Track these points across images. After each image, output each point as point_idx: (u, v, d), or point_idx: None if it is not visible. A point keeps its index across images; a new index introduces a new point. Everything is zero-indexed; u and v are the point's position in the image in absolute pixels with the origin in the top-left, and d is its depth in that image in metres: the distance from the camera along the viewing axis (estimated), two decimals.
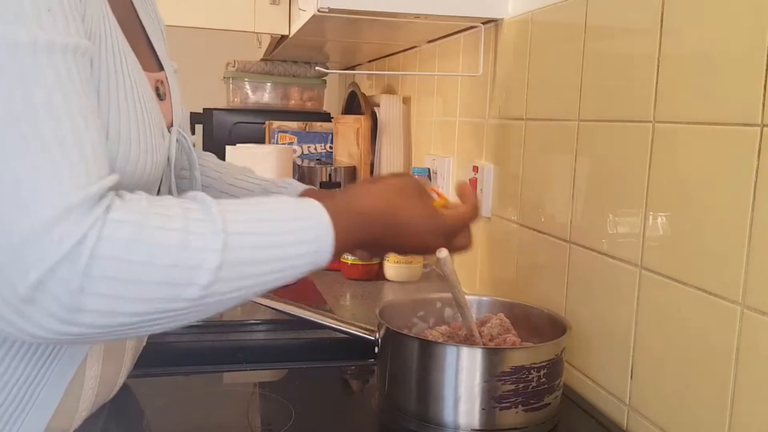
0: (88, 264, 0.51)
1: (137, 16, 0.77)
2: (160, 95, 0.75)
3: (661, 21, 0.80)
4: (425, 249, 0.78)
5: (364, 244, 0.72)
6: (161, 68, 0.79)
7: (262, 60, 2.37)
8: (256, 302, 0.98)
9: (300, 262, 0.63)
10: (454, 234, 0.78)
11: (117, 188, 0.58)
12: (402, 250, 0.78)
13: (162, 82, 0.77)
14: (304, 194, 0.95)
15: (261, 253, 0.60)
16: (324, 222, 0.64)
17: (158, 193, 0.76)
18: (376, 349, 0.87)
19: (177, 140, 0.77)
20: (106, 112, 0.62)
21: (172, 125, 0.77)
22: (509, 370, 0.77)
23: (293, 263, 0.63)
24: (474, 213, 0.80)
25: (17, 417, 0.66)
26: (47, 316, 0.51)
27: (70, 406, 0.71)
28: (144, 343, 0.86)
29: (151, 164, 0.68)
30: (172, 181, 0.77)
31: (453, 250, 0.80)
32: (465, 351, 0.79)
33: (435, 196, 0.80)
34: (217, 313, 0.62)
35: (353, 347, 0.98)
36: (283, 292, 1.29)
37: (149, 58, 0.76)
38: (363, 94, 1.90)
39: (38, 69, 0.52)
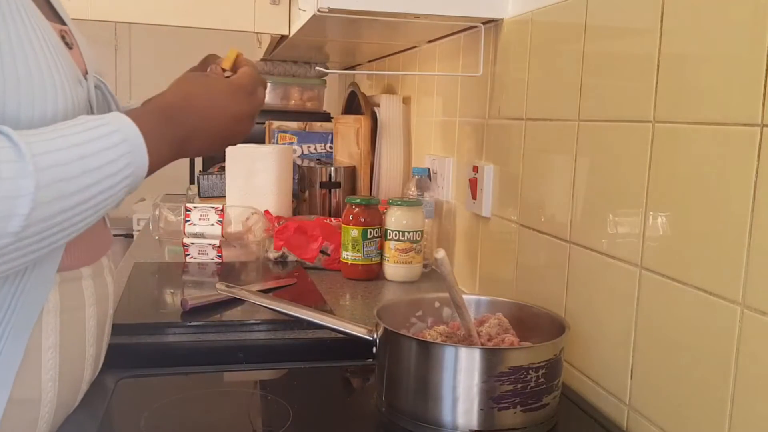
0: None
1: None
2: (68, 44, 0.76)
3: (661, 21, 0.80)
4: (238, 115, 0.79)
5: (180, 137, 0.73)
6: (63, 23, 0.79)
7: (262, 60, 2.37)
8: (256, 303, 0.98)
9: (116, 168, 0.65)
10: (252, 91, 0.82)
11: None
12: (220, 127, 0.78)
13: (66, 32, 0.77)
14: None
15: (73, 168, 0.61)
16: (127, 124, 0.66)
17: None
18: (374, 349, 0.87)
19: (96, 86, 0.78)
20: (11, 61, 0.63)
21: (87, 73, 0.77)
22: (507, 370, 0.77)
23: (109, 171, 0.64)
24: (256, 70, 0.85)
25: None
26: None
27: (32, 375, 0.71)
28: (111, 312, 0.86)
29: (76, 112, 0.68)
30: None
31: (257, 105, 0.83)
32: (463, 351, 0.79)
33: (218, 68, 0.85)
34: (52, 247, 0.63)
35: (353, 347, 0.98)
36: (283, 292, 1.29)
37: (48, 11, 0.76)
38: (363, 94, 1.90)
39: None
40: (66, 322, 0.74)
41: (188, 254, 1.53)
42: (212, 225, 1.53)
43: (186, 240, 1.53)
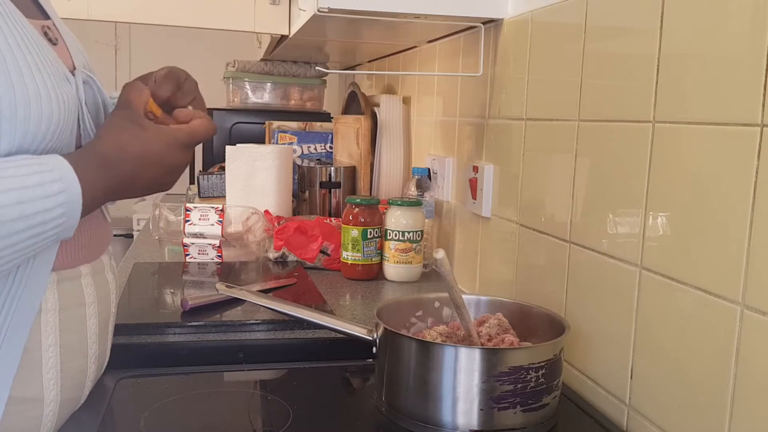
0: None
1: None
2: (51, 40, 0.75)
3: (661, 21, 0.80)
4: (172, 167, 0.77)
5: (115, 185, 0.72)
6: (46, 17, 0.78)
7: (262, 60, 2.37)
8: (256, 303, 0.98)
9: (50, 216, 0.65)
10: (190, 146, 0.78)
11: (25, 142, 0.63)
12: (155, 176, 0.76)
13: (49, 27, 0.76)
14: None
15: (9, 212, 0.62)
16: (69, 173, 0.66)
17: (78, 140, 0.75)
18: (374, 349, 0.87)
19: (85, 82, 0.77)
20: None
21: (75, 69, 0.76)
22: (507, 370, 0.77)
23: (43, 218, 0.64)
24: (207, 126, 0.79)
25: None
26: None
27: (33, 374, 0.71)
28: (114, 310, 0.86)
29: (61, 110, 0.68)
30: (89, 126, 0.77)
31: (189, 159, 0.79)
32: (463, 351, 0.79)
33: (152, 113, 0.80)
34: None
35: (353, 347, 0.98)
36: (283, 292, 1.29)
37: (29, 7, 0.75)
38: (363, 94, 1.89)
39: None
40: (66, 320, 0.74)
41: (188, 254, 1.52)
42: (212, 225, 1.53)
43: (186, 240, 1.53)
